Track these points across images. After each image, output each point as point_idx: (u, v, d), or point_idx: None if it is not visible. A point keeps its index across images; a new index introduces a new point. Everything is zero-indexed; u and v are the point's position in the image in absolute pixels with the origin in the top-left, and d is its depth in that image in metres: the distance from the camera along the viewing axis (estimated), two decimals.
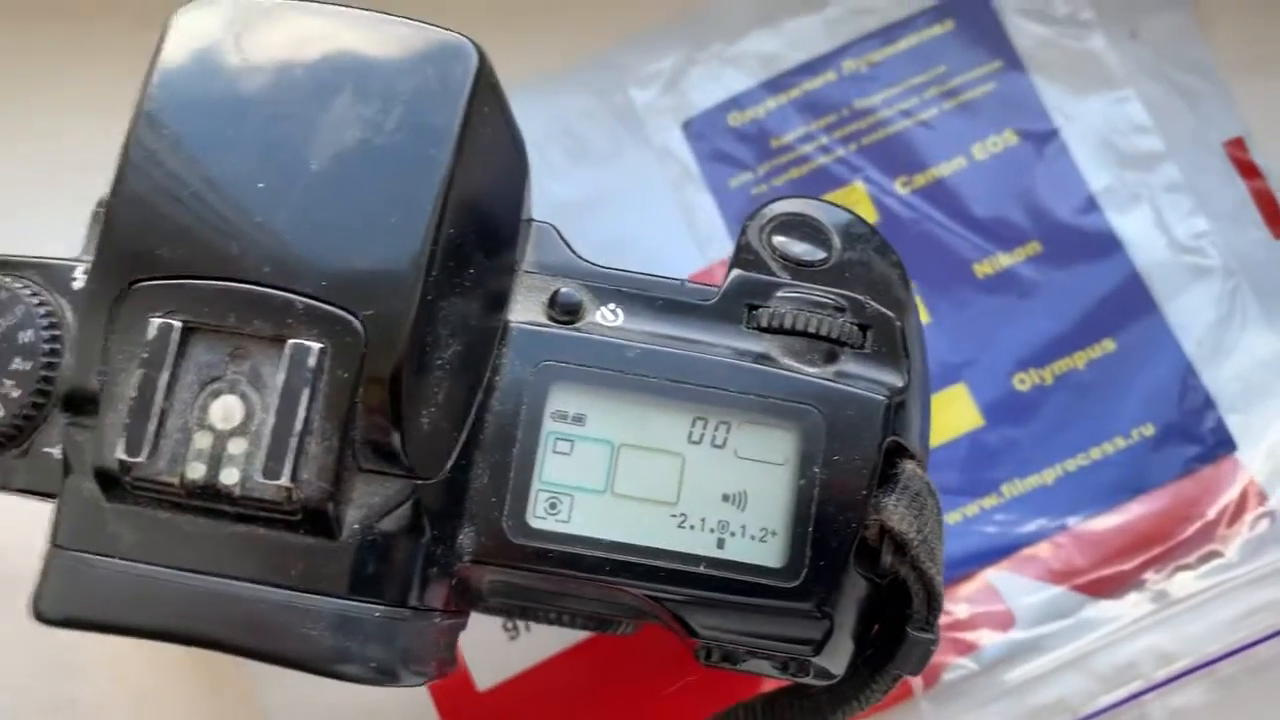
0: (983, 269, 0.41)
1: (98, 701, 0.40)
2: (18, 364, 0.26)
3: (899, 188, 0.42)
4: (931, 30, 0.43)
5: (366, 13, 0.25)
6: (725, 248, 0.42)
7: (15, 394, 0.26)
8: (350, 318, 0.23)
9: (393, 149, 0.24)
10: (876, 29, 0.43)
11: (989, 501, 0.40)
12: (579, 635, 0.39)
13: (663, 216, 0.42)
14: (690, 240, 0.42)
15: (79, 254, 0.28)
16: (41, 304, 0.27)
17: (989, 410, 0.40)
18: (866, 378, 0.27)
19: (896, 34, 0.43)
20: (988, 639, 0.38)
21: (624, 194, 0.43)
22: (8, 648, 0.39)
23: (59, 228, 0.42)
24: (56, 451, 0.26)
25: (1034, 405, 0.40)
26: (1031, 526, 0.39)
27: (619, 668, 0.39)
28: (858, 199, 0.42)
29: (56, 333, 0.27)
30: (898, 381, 0.27)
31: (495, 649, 0.39)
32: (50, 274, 0.28)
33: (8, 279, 0.27)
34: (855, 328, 0.27)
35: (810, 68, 0.43)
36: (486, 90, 0.25)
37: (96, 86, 0.44)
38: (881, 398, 0.26)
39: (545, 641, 0.39)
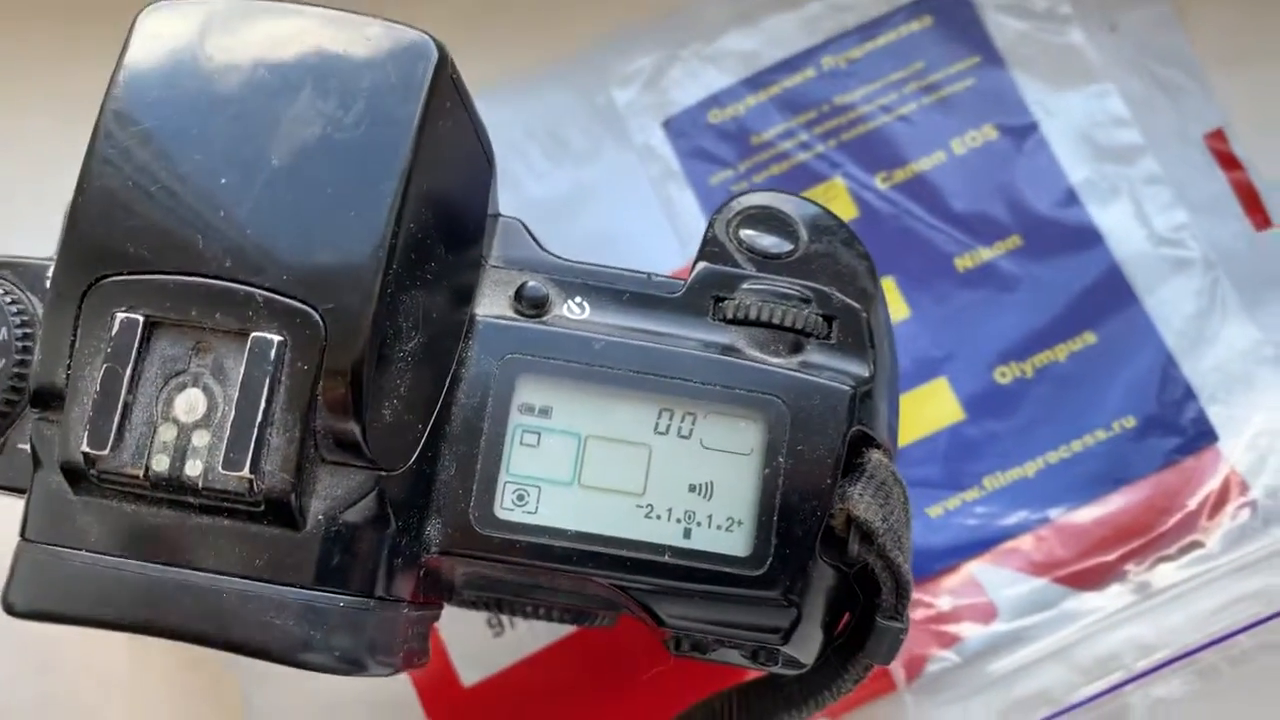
0: (963, 263, 0.42)
1: (82, 698, 0.40)
2: None
3: (879, 183, 0.42)
4: (910, 26, 0.43)
5: (331, 11, 0.25)
6: None
7: None
8: (310, 310, 0.23)
9: (352, 144, 0.24)
10: (855, 26, 0.43)
11: (970, 494, 0.40)
12: (563, 630, 0.39)
13: (645, 214, 0.43)
14: (673, 237, 0.42)
15: (53, 252, 0.29)
16: (14, 302, 0.27)
17: (970, 403, 0.40)
18: (832, 368, 0.27)
19: (875, 30, 0.43)
20: (970, 631, 0.38)
21: (606, 192, 0.43)
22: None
23: (45, 228, 0.43)
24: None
25: (1015, 398, 0.40)
26: (1013, 519, 0.39)
27: (603, 662, 0.39)
28: (837, 194, 0.42)
29: (29, 330, 0.27)
30: (863, 372, 0.27)
31: (480, 645, 0.39)
32: (24, 272, 0.28)
33: None
34: (820, 319, 0.27)
35: (789, 65, 0.43)
36: (447, 86, 0.25)
37: (85, 85, 0.44)
38: (846, 388, 0.27)
39: (529, 637, 0.39)
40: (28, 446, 0.27)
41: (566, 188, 0.43)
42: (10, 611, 0.24)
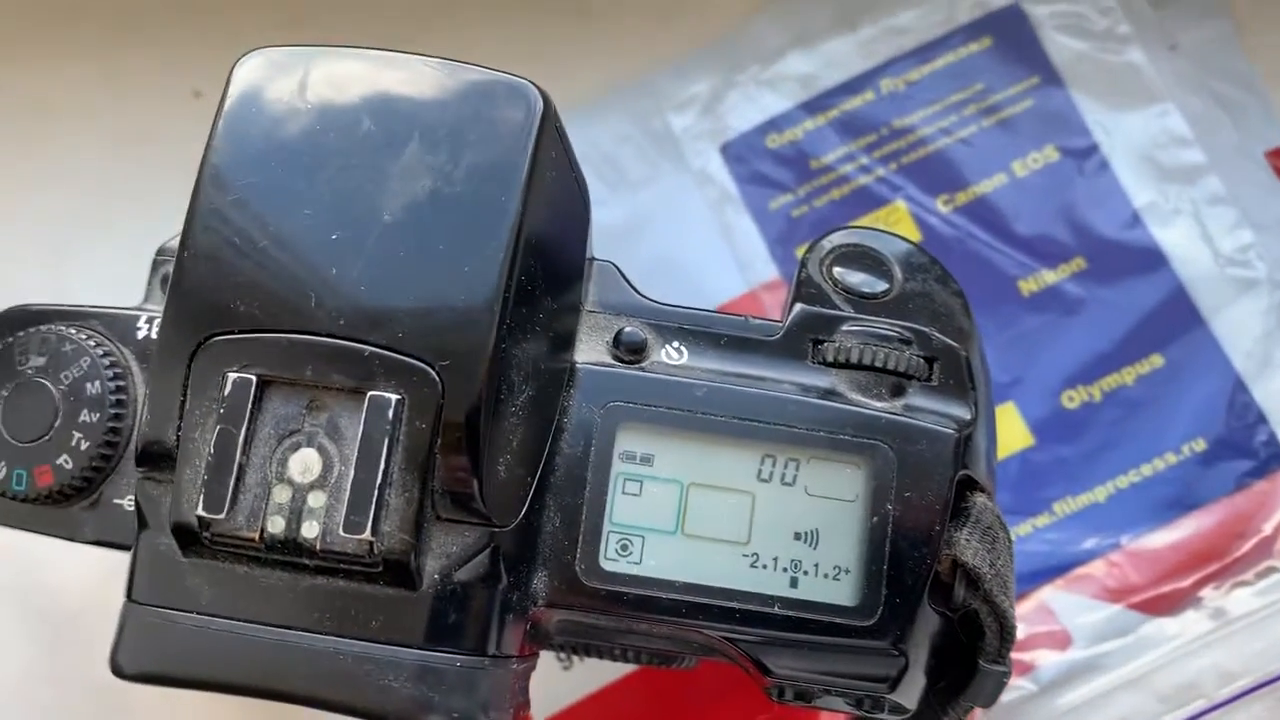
0: (1028, 286, 0.41)
1: None
2: (85, 416, 0.26)
3: (941, 206, 0.42)
4: (968, 48, 0.43)
5: (427, 59, 0.25)
6: (767, 270, 0.42)
7: (84, 446, 0.26)
8: (427, 368, 0.23)
9: (463, 197, 0.23)
10: (913, 48, 0.43)
11: (1041, 520, 0.40)
12: (630, 666, 0.39)
13: (703, 240, 0.42)
14: (732, 263, 0.42)
15: (141, 302, 0.28)
16: (106, 355, 0.27)
17: (1038, 428, 0.40)
18: (935, 411, 0.27)
19: (933, 52, 0.43)
20: (1045, 659, 0.38)
21: (664, 219, 0.43)
22: (60, 685, 0.40)
23: (109, 269, 0.42)
24: (126, 503, 0.26)
25: (1083, 422, 0.40)
26: (1085, 545, 0.39)
27: (671, 697, 0.39)
28: (900, 218, 0.42)
29: (122, 384, 0.27)
30: (966, 414, 0.27)
31: (549, 680, 0.39)
32: (112, 323, 0.28)
33: (72, 330, 0.27)
34: (921, 360, 0.27)
35: (848, 88, 0.43)
36: (551, 134, 0.25)
37: (132, 117, 0.44)
38: (951, 431, 0.26)
39: (598, 673, 0.39)
40: (123, 501, 0.26)
41: (624, 214, 0.43)
42: (119, 674, 0.24)
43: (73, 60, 0.45)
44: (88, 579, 0.40)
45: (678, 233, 0.42)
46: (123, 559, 0.32)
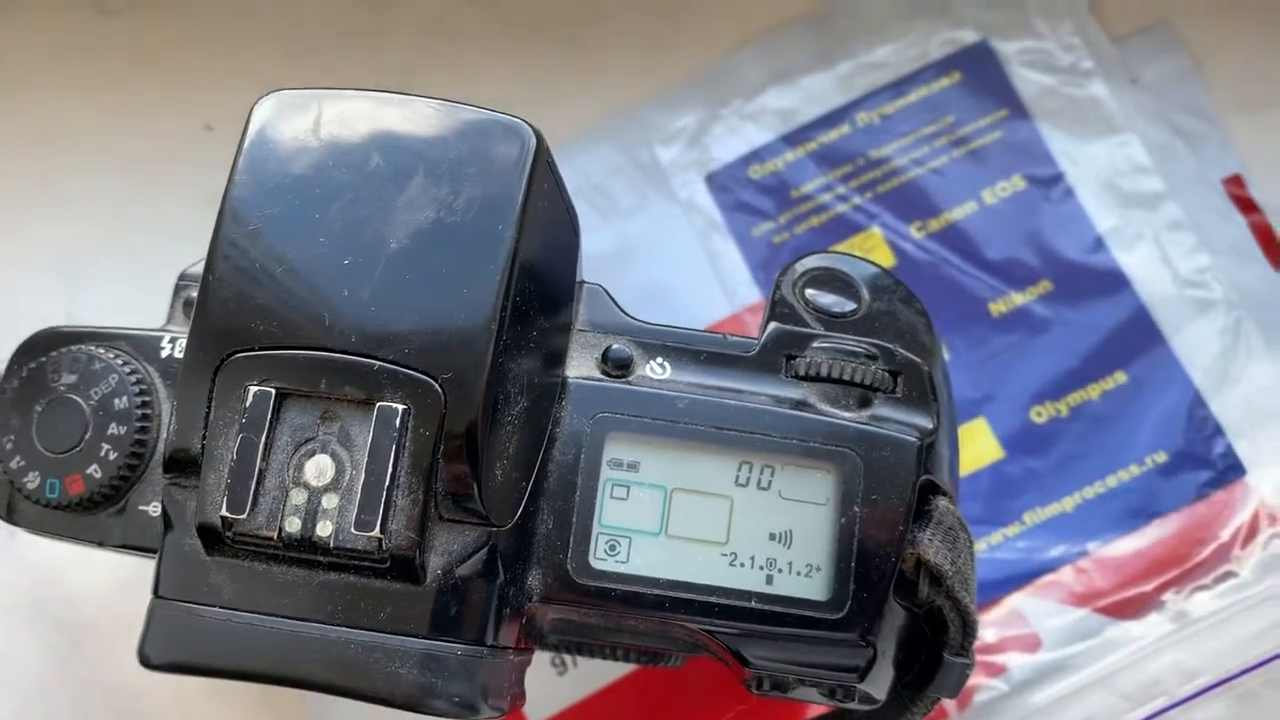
0: (997, 308, 0.43)
1: None
2: (114, 429, 0.29)
3: (914, 232, 0.44)
4: (940, 82, 0.45)
5: (429, 100, 0.27)
6: (751, 294, 0.44)
7: (112, 456, 0.28)
8: (430, 380, 0.25)
9: (463, 226, 0.26)
10: (887, 83, 0.45)
11: (1012, 530, 0.42)
12: (625, 668, 0.41)
13: (690, 266, 0.44)
14: (718, 288, 0.44)
15: (163, 324, 0.31)
16: (133, 372, 0.29)
17: (1008, 442, 0.42)
18: (899, 421, 0.29)
19: (906, 87, 0.45)
20: (1016, 661, 0.40)
21: (652, 246, 0.45)
22: (76, 692, 0.41)
23: (121, 296, 0.44)
24: (150, 509, 0.29)
25: (1051, 436, 0.42)
26: (1054, 552, 0.41)
27: (664, 699, 0.40)
28: (875, 244, 0.44)
29: (148, 399, 0.29)
30: (928, 424, 0.29)
31: (544, 684, 0.41)
32: (138, 343, 0.30)
33: (100, 350, 0.29)
34: (886, 374, 0.29)
35: (826, 121, 0.45)
36: (543, 168, 0.27)
37: (149, 154, 0.46)
38: (914, 439, 0.28)
39: (592, 675, 0.41)
40: (148, 508, 0.29)
41: (615, 242, 0.45)
42: (146, 664, 0.26)
43: (86, 94, 0.46)
44: (103, 588, 0.41)
45: (666, 259, 0.45)
46: (137, 569, 0.34)
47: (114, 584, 0.42)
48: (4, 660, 0.41)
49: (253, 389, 0.25)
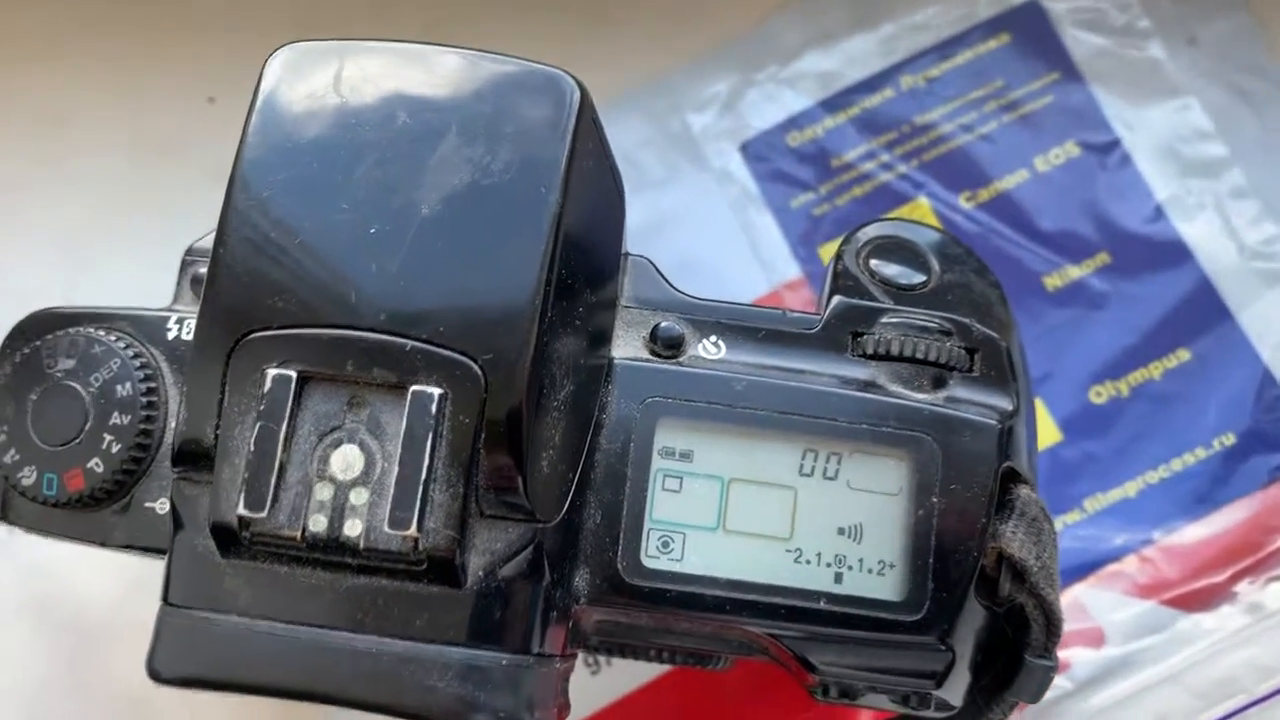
0: (1052, 282, 0.41)
1: None
2: (116, 419, 0.26)
3: (963, 202, 0.42)
4: (988, 44, 0.43)
5: (461, 50, 0.25)
6: (789, 269, 0.42)
7: (115, 449, 0.26)
8: (469, 362, 0.22)
9: (501, 189, 0.23)
10: (932, 44, 0.43)
11: (1071, 517, 0.39)
12: (660, 668, 0.38)
13: (725, 240, 0.42)
14: (755, 263, 0.42)
15: (170, 303, 0.28)
16: (136, 356, 0.27)
17: (1066, 425, 0.40)
18: (977, 402, 0.26)
19: (953, 49, 0.43)
20: (1080, 657, 0.38)
21: (685, 219, 0.42)
22: (82, 697, 0.39)
23: (126, 275, 0.42)
24: (158, 506, 0.26)
25: (1111, 418, 0.40)
26: (1117, 541, 0.39)
27: (705, 701, 0.38)
28: (922, 215, 0.42)
29: (153, 385, 0.26)
30: (1007, 405, 0.27)
31: (577, 684, 0.38)
32: (141, 324, 0.27)
33: (100, 332, 0.27)
34: (963, 351, 0.27)
35: (868, 85, 0.43)
36: (588, 124, 0.24)
37: (152, 129, 0.44)
38: (994, 422, 0.26)
39: (628, 675, 0.39)
40: (155, 505, 0.26)
41: (645, 215, 0.43)
42: (156, 678, 0.23)
43: (87, 69, 0.45)
44: (110, 590, 0.40)
45: (699, 233, 0.42)
46: (146, 569, 0.32)
47: (122, 586, 0.40)
48: (7, 664, 0.39)
49: (271, 372, 0.22)
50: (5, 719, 0.39)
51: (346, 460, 0.22)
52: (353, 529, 0.22)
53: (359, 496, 0.22)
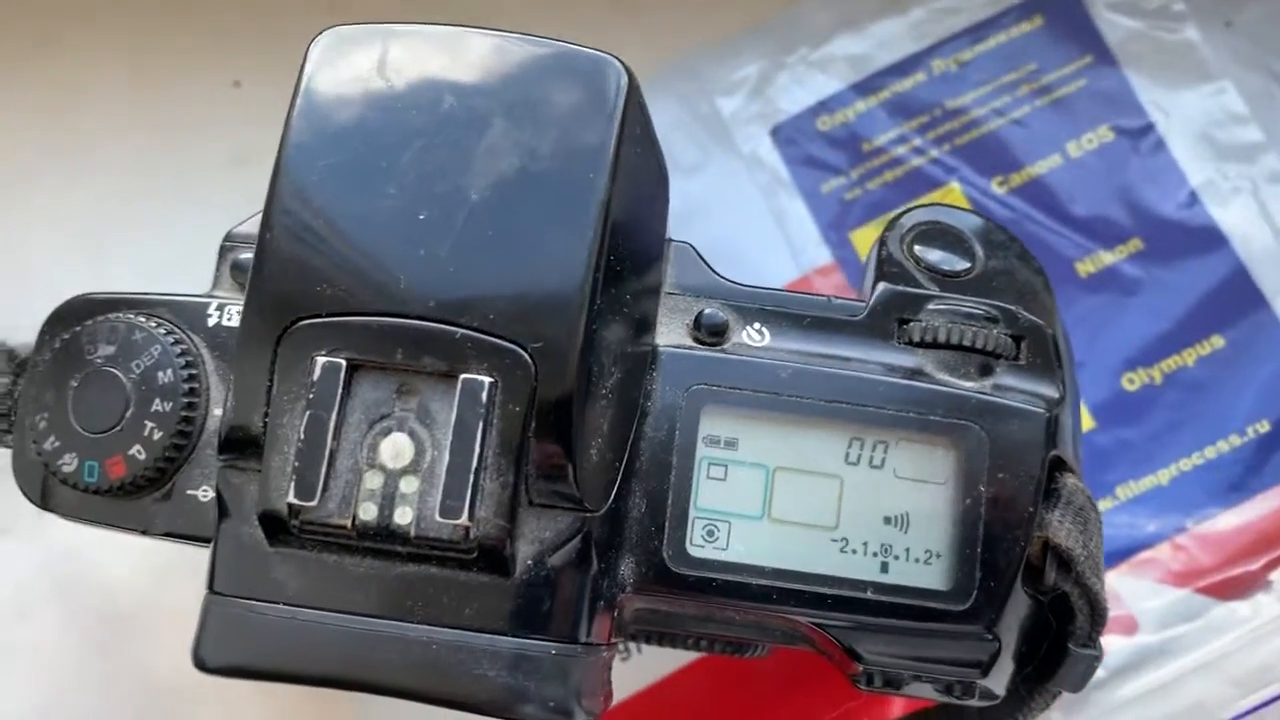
0: (1085, 268, 0.41)
1: None
2: (158, 405, 0.26)
3: (995, 187, 0.41)
4: (1020, 27, 0.43)
5: (506, 34, 0.24)
6: (821, 255, 0.41)
7: (156, 436, 0.26)
8: (519, 350, 0.22)
9: (550, 174, 0.23)
10: (964, 28, 0.43)
11: (1104, 504, 0.39)
12: (690, 655, 0.38)
13: (756, 225, 0.42)
14: (785, 249, 0.42)
15: (209, 289, 0.28)
16: (177, 343, 0.26)
17: (1099, 411, 0.40)
18: (1024, 390, 0.26)
19: (985, 32, 0.43)
20: (1112, 645, 0.37)
21: (714, 204, 0.42)
22: (114, 685, 0.39)
23: (150, 260, 0.42)
24: (200, 494, 0.26)
25: (1145, 405, 0.40)
26: (1150, 528, 0.39)
27: (735, 689, 0.38)
28: (954, 200, 0.41)
29: (194, 372, 0.26)
30: (1054, 393, 0.26)
31: None
32: (181, 310, 0.27)
33: (141, 318, 0.27)
34: (1009, 339, 0.27)
35: (899, 69, 0.42)
36: (635, 109, 0.24)
37: (177, 112, 0.44)
38: (1042, 411, 0.26)
39: (657, 662, 0.38)
40: (197, 493, 0.26)
41: (674, 200, 0.41)
42: (202, 668, 0.23)
43: (113, 52, 0.44)
44: (142, 578, 0.40)
45: (729, 218, 0.42)
46: (176, 555, 0.31)
47: (153, 573, 0.40)
48: (38, 650, 0.39)
49: (320, 360, 0.22)
50: (34, 703, 0.39)
51: (396, 448, 0.22)
52: (403, 517, 0.22)
53: (409, 485, 0.22)
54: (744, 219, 0.42)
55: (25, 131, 0.44)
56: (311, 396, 0.22)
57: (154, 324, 0.26)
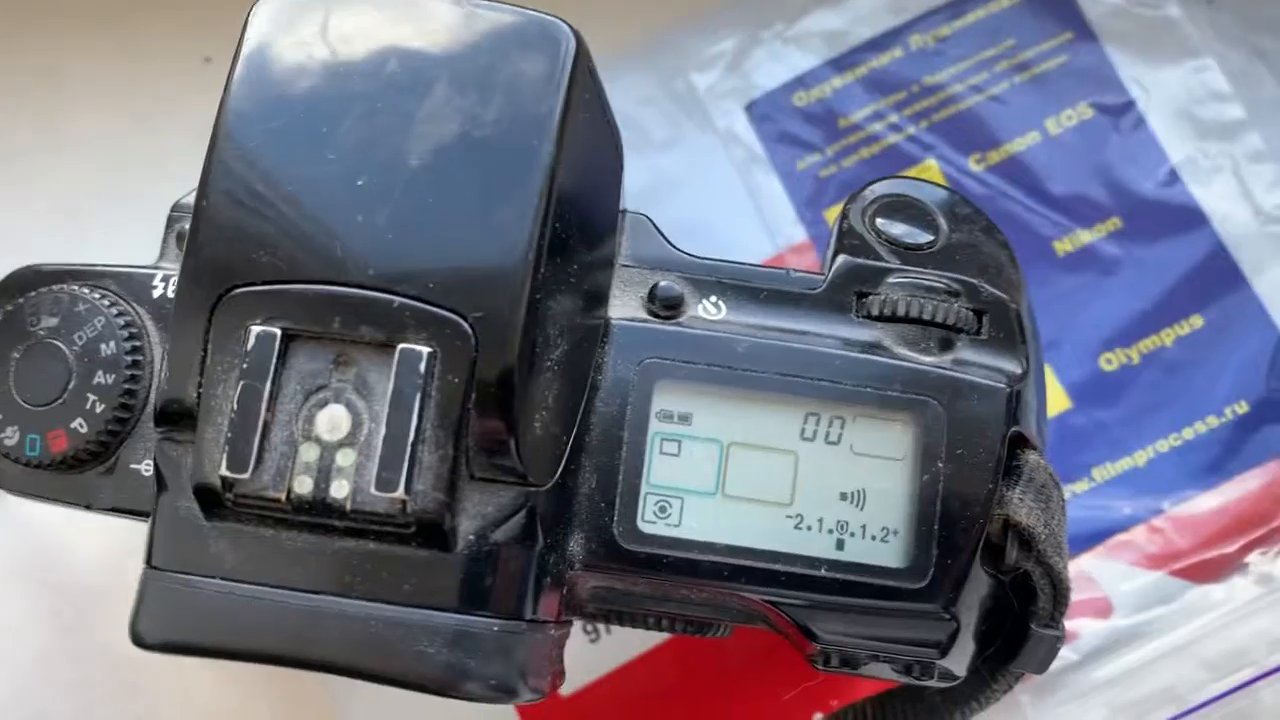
0: (1063, 246, 0.40)
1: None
2: (100, 378, 0.25)
3: (973, 165, 0.41)
4: (999, 3, 0.42)
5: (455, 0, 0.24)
6: (796, 233, 0.41)
7: (99, 409, 0.25)
8: (459, 320, 0.22)
9: (493, 141, 0.22)
10: (943, 3, 0.42)
11: (1080, 486, 0.39)
12: (660, 636, 0.38)
13: (730, 202, 0.41)
14: (760, 226, 0.41)
15: (156, 260, 0.27)
16: (121, 314, 0.26)
17: (1075, 392, 0.39)
18: (985, 365, 0.26)
19: (964, 7, 0.42)
20: (1086, 628, 0.37)
21: (689, 181, 0.42)
22: (80, 661, 0.39)
23: (123, 234, 0.41)
24: (143, 468, 0.25)
25: (1122, 385, 0.39)
26: (1125, 511, 0.38)
27: (700, 668, 0.38)
28: (931, 177, 0.41)
29: (138, 344, 0.26)
30: (1016, 368, 0.26)
31: (576, 653, 0.38)
32: (126, 282, 0.27)
33: (84, 290, 0.26)
34: (970, 313, 0.26)
35: (876, 44, 0.42)
36: (584, 75, 0.24)
37: (148, 88, 0.43)
38: (1003, 386, 0.25)
39: (626, 644, 0.38)
40: (140, 466, 0.25)
41: (648, 177, 0.42)
42: (139, 644, 0.23)
43: (83, 28, 0.44)
44: (107, 553, 0.39)
45: (703, 195, 0.41)
46: (138, 532, 0.31)
47: (118, 548, 0.40)
48: (2, 629, 0.39)
49: (255, 329, 0.22)
50: (1, 682, 0.39)
51: (333, 420, 0.22)
52: (339, 490, 0.22)
53: (346, 458, 0.22)
54: (719, 196, 0.41)
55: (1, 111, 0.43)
56: (245, 366, 0.22)
57: (98, 295, 0.26)
